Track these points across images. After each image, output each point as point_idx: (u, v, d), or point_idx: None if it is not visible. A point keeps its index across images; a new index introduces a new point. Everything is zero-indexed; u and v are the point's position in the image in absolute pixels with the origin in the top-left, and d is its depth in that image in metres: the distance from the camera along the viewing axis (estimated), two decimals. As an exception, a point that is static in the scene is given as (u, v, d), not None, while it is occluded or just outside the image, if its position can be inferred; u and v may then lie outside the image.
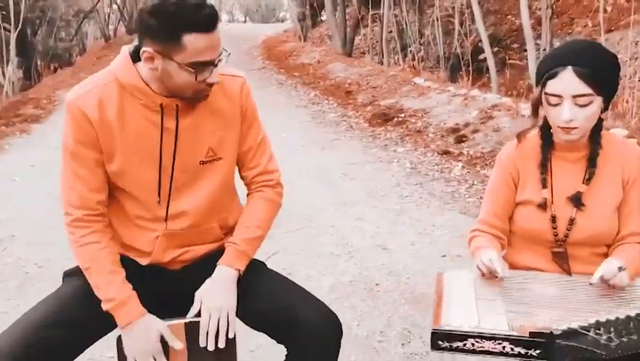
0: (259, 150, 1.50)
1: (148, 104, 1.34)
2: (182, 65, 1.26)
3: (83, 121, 1.33)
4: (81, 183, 1.37)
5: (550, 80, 1.37)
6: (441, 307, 1.34)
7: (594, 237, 1.48)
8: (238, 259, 1.42)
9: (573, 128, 1.39)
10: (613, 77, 1.41)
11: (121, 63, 1.35)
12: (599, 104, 1.39)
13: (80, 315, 1.34)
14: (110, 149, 1.36)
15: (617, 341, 1.16)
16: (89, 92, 1.33)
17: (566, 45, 1.50)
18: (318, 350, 1.37)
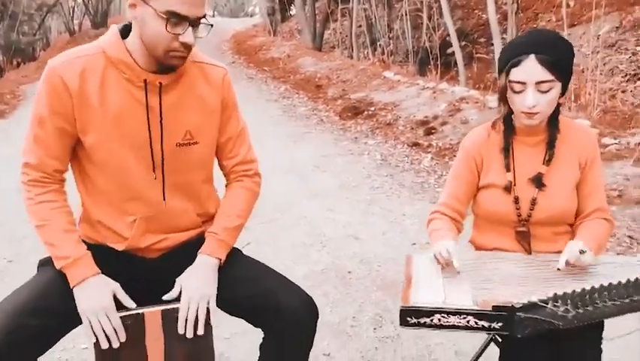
0: (238, 140, 1.52)
1: (132, 79, 1.35)
2: (157, 12, 1.27)
3: (62, 90, 1.33)
4: (42, 148, 1.38)
5: (514, 68, 1.44)
6: (409, 287, 1.40)
7: (555, 216, 1.55)
8: (219, 248, 1.44)
9: (535, 114, 1.46)
10: (570, 64, 1.48)
11: (110, 37, 1.37)
12: (558, 89, 1.46)
13: (58, 303, 1.34)
14: (86, 121, 1.35)
15: (573, 312, 1.23)
16: (73, 61, 1.34)
17: (528, 34, 1.57)
18: (295, 333, 1.40)
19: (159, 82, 1.36)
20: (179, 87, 1.40)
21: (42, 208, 1.38)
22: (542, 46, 1.42)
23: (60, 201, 1.40)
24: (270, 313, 1.40)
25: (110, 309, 1.33)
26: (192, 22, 1.29)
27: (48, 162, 1.39)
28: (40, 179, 1.39)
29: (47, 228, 1.37)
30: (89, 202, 1.45)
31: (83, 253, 1.37)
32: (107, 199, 1.43)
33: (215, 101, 1.46)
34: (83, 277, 1.34)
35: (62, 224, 1.38)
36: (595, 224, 1.54)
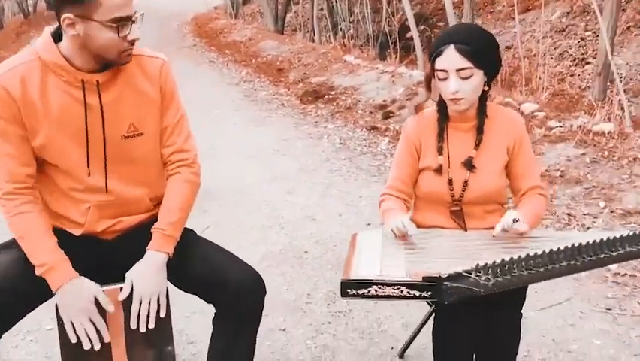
0: (176, 129, 1.59)
1: (70, 81, 1.42)
2: (104, 23, 1.34)
3: (7, 99, 1.39)
4: (9, 159, 1.44)
5: (438, 57, 1.58)
6: (351, 262, 1.53)
7: (484, 196, 1.70)
8: (166, 243, 1.51)
9: (460, 99, 1.60)
10: (490, 53, 1.61)
11: (43, 42, 1.43)
12: (480, 77, 1.60)
13: (19, 282, 1.42)
14: (33, 125, 1.43)
15: (493, 280, 1.37)
16: (12, 71, 1.40)
17: (450, 28, 1.72)
18: (243, 307, 1.52)
19: (96, 80, 1.44)
20: (118, 83, 1.48)
21: (19, 221, 1.45)
22: (460, 37, 1.57)
23: (35, 211, 1.47)
24: (218, 289, 1.51)
25: (92, 313, 1.41)
26: (133, 19, 1.38)
27: (19, 171, 1.46)
28: (13, 191, 1.46)
29: (26, 240, 1.45)
30: (46, 195, 1.54)
31: (60, 259, 1.44)
32: (62, 192, 1.52)
33: (154, 92, 1.53)
34: (62, 282, 1.41)
35: (39, 233, 1.46)
36: (531, 199, 1.70)
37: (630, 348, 2.13)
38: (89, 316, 1.41)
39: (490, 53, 1.61)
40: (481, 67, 1.59)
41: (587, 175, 3.56)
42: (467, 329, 1.56)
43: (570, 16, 7.29)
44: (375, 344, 2.18)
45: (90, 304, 1.41)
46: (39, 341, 2.20)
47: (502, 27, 8.48)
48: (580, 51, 6.60)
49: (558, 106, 5.17)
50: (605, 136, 3.88)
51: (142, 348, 1.54)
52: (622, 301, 2.43)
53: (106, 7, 1.33)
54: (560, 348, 2.13)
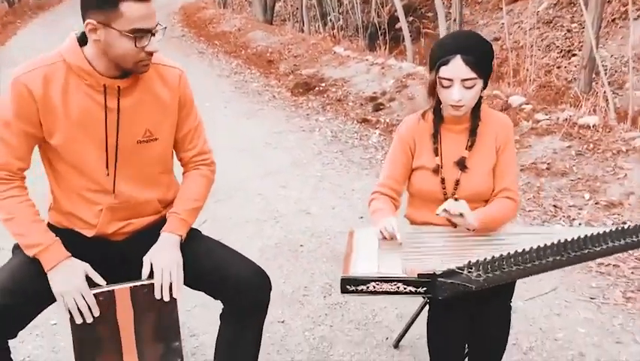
0: (196, 133, 1.69)
1: (92, 84, 1.48)
2: (123, 32, 1.40)
3: (27, 97, 1.45)
4: (7, 149, 1.51)
5: (443, 66, 1.64)
6: (350, 259, 1.61)
7: (474, 194, 1.78)
8: (180, 226, 1.61)
9: (461, 106, 1.68)
10: (490, 63, 1.69)
11: (69, 45, 1.49)
12: (480, 85, 1.68)
13: (29, 283, 1.49)
14: (51, 124, 1.49)
15: (484, 276, 1.46)
16: (36, 70, 1.46)
17: (454, 36, 1.77)
18: (250, 302, 1.60)
19: (117, 86, 1.50)
20: (138, 89, 1.54)
21: (9, 203, 1.52)
22: (467, 48, 1.63)
23: (24, 196, 1.54)
24: (226, 285, 1.59)
25: (83, 288, 1.48)
26: (152, 32, 1.43)
27: (13, 162, 1.52)
28: (5, 177, 1.52)
29: (16, 220, 1.51)
30: (59, 195, 1.60)
31: (54, 240, 1.51)
32: (76, 192, 1.58)
33: (172, 100, 1.61)
34: (56, 261, 1.49)
35: (30, 216, 1.53)
36: (497, 201, 1.77)
37: (613, 335, 2.24)
38: (81, 292, 1.47)
39: (489, 63, 1.68)
40: (482, 76, 1.66)
41: (572, 167, 3.66)
42: (460, 321, 1.65)
43: (557, 8, 7.38)
44: (371, 335, 2.27)
45: (82, 282, 1.48)
46: (45, 336, 2.27)
47: (489, 18, 8.56)
48: (566, 43, 6.71)
49: (545, 98, 5.27)
50: (590, 129, 3.99)
51: (150, 344, 1.62)
52: (605, 291, 2.54)
53: (127, 18, 1.39)
54: (546, 336, 2.24)
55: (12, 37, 10.10)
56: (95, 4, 1.39)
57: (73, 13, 9.23)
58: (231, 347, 1.65)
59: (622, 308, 2.42)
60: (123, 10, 1.38)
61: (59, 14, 13.45)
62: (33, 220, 1.52)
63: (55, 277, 1.49)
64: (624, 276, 2.65)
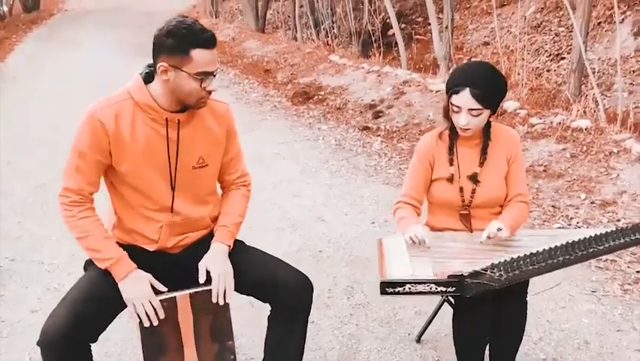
0: (238, 158, 1.92)
1: (156, 118, 1.70)
2: (191, 75, 1.62)
3: (100, 130, 1.67)
4: (82, 176, 1.72)
5: (454, 95, 1.87)
6: (384, 264, 1.82)
7: (489, 201, 2.01)
8: (229, 237, 1.83)
9: (468, 130, 1.91)
10: (499, 95, 1.91)
11: (135, 84, 1.70)
12: (487, 113, 1.91)
13: (108, 291, 1.69)
14: (120, 153, 1.70)
15: (505, 275, 1.68)
16: (110, 107, 1.68)
17: (466, 67, 1.99)
18: (296, 304, 1.82)
19: (178, 119, 1.72)
20: (193, 122, 1.76)
21: (83, 223, 1.73)
22: (475, 81, 1.85)
23: (95, 216, 1.76)
24: (272, 289, 1.81)
25: (150, 295, 1.69)
26: (214, 74, 1.65)
27: (86, 187, 1.73)
28: (78, 200, 1.74)
29: (90, 238, 1.72)
30: (123, 215, 1.80)
31: (123, 254, 1.73)
32: (139, 212, 1.78)
33: (220, 131, 1.83)
34: (126, 272, 1.70)
35: (101, 233, 1.74)
36: (514, 206, 2.00)
37: (614, 324, 2.47)
38: (148, 298, 1.68)
39: (498, 95, 1.90)
40: (489, 107, 1.88)
41: (568, 169, 3.90)
42: (482, 317, 1.87)
43: (544, 12, 7.65)
44: (394, 331, 2.48)
45: (148, 289, 1.69)
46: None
47: (479, 22, 8.82)
48: (555, 47, 6.97)
49: (537, 101, 5.51)
50: (583, 132, 4.23)
51: (207, 343, 1.83)
52: (604, 284, 2.77)
53: (195, 63, 1.60)
54: (554, 327, 2.46)
55: (10, 53, 10.20)
56: (168, 50, 1.61)
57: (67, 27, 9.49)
58: (281, 345, 1.85)
59: (620, 300, 2.65)
60: (193, 56, 1.60)
61: (53, 28, 13.57)
62: (105, 237, 1.73)
63: (125, 286, 1.69)
64: (621, 270, 2.88)
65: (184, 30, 1.60)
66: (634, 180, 3.57)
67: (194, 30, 1.60)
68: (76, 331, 1.61)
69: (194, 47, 1.59)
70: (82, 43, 10.95)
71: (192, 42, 1.59)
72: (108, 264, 1.70)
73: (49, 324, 1.61)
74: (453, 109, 1.90)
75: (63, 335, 1.59)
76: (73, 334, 1.61)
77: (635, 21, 6.37)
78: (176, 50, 1.60)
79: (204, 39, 1.61)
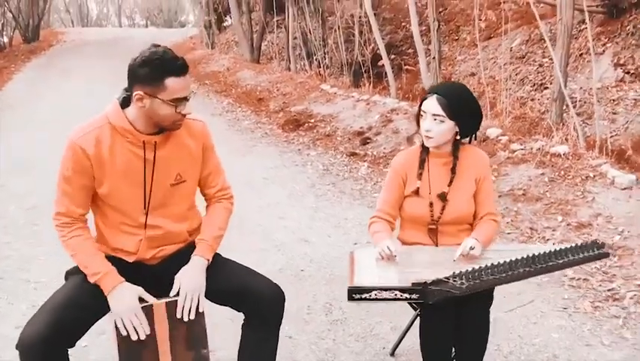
0: (217, 173, 2.01)
1: (133, 141, 1.80)
2: (166, 101, 1.73)
3: (82, 155, 1.77)
4: (69, 199, 1.82)
5: (424, 101, 2.01)
6: (353, 273, 1.91)
7: (457, 218, 2.11)
8: (208, 251, 1.91)
9: (430, 137, 2.02)
10: (463, 110, 2.03)
11: (113, 110, 1.81)
12: (451, 126, 2.02)
13: (87, 299, 1.77)
14: (101, 176, 1.80)
15: (467, 283, 1.77)
16: (89, 134, 1.78)
17: (442, 83, 2.16)
18: (268, 312, 1.90)
19: (154, 141, 1.82)
20: (170, 142, 1.87)
21: (73, 242, 1.83)
22: (445, 91, 2.02)
23: (85, 235, 1.86)
24: (246, 298, 1.89)
25: (137, 310, 1.76)
26: (188, 98, 1.77)
27: (74, 210, 1.84)
28: (69, 222, 1.84)
29: (79, 255, 1.82)
30: (105, 231, 1.91)
31: (111, 269, 1.81)
32: (119, 228, 1.89)
33: (197, 148, 1.93)
34: (113, 285, 1.78)
35: (90, 250, 1.84)
36: (485, 224, 2.11)
37: (582, 339, 2.54)
38: (134, 312, 1.75)
39: (462, 110, 2.02)
40: (453, 118, 2.00)
41: (546, 193, 4.01)
42: (446, 325, 1.94)
43: (529, 44, 7.87)
44: (370, 345, 2.54)
45: (135, 303, 1.76)
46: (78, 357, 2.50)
47: (466, 54, 9.05)
48: (539, 77, 7.16)
49: (520, 129, 5.65)
50: (561, 157, 4.36)
51: (183, 351, 1.89)
52: (576, 302, 2.85)
53: (169, 90, 1.72)
54: (524, 342, 2.53)
55: (8, 82, 10.38)
56: (143, 79, 1.72)
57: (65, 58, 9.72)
58: (253, 353, 1.92)
59: (590, 316, 2.72)
60: (167, 84, 1.72)
61: (51, 58, 13.82)
62: (93, 253, 1.82)
63: (112, 299, 1.77)
64: (593, 288, 2.96)
65: (157, 60, 1.71)
66: (609, 203, 3.68)
67: (167, 59, 1.71)
68: (54, 336, 1.68)
69: (168, 75, 1.71)
70: (79, 73, 11.15)
71: (165, 71, 1.71)
72: (96, 278, 1.78)
73: (28, 329, 1.69)
74: (421, 114, 2.04)
75: (41, 339, 1.66)
76: (51, 339, 1.68)
77: (614, 52, 6.58)
78: (150, 80, 1.71)
79: (176, 68, 1.72)
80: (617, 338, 2.53)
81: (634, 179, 3.78)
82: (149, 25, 28.50)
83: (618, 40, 6.63)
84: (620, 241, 3.32)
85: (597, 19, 7.20)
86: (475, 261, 1.95)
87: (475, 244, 1.97)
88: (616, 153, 4.79)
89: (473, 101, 2.09)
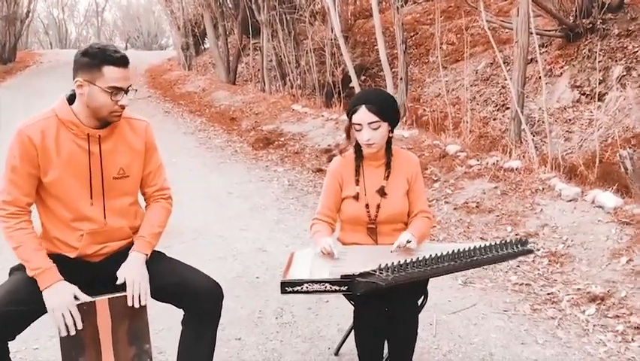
0: (157, 173, 2.09)
1: (78, 134, 1.89)
2: (102, 88, 1.83)
3: (28, 144, 1.85)
4: (16, 188, 1.89)
5: (354, 114, 2.13)
6: (289, 269, 2.01)
7: (393, 216, 2.23)
8: (146, 246, 1.99)
9: (372, 144, 2.15)
10: (390, 109, 2.17)
11: (60, 104, 1.91)
12: (386, 127, 2.15)
13: (28, 295, 1.83)
14: (47, 165, 1.88)
15: (392, 275, 1.87)
16: (35, 124, 1.87)
17: (362, 92, 2.30)
18: (206, 307, 1.97)
19: (98, 135, 1.92)
20: (114, 137, 1.96)
21: (18, 234, 1.89)
22: (369, 99, 2.14)
23: (30, 229, 1.92)
24: (186, 294, 1.96)
25: (71, 304, 1.83)
26: (126, 90, 1.87)
27: (21, 199, 1.91)
28: (15, 212, 1.90)
29: (23, 248, 1.88)
30: (47, 224, 1.97)
31: (51, 266, 1.87)
32: (61, 220, 1.95)
33: (140, 145, 2.03)
34: (50, 282, 1.84)
35: (33, 245, 1.89)
36: (419, 220, 2.23)
37: (518, 338, 2.66)
38: (68, 308, 1.81)
39: (390, 109, 2.16)
40: (386, 120, 2.14)
41: (498, 205, 4.17)
42: (377, 317, 2.05)
43: (493, 67, 8.15)
44: (315, 346, 2.63)
45: (70, 298, 1.83)
46: (27, 358, 2.55)
47: (435, 76, 9.30)
48: (501, 98, 7.41)
49: (481, 147, 5.84)
50: (514, 172, 4.53)
51: (125, 346, 1.96)
52: (517, 305, 2.98)
53: (106, 78, 1.83)
54: (463, 341, 2.64)
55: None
56: (83, 67, 1.84)
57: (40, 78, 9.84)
58: (191, 347, 2.00)
59: (529, 318, 2.85)
60: (104, 71, 1.82)
61: (27, 78, 13.84)
62: (35, 249, 1.88)
63: (48, 295, 1.83)
64: (534, 293, 3.10)
65: (97, 49, 1.83)
66: (555, 214, 3.84)
67: (106, 50, 1.84)
68: None
69: (106, 64, 1.82)
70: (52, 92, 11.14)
71: (104, 60, 1.82)
72: (35, 273, 1.85)
73: None
74: (355, 128, 2.15)
75: None
76: None
77: (572, 75, 6.85)
78: (89, 67, 1.83)
79: (115, 58, 1.83)
80: (551, 338, 2.65)
81: (579, 191, 3.95)
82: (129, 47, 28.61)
83: (575, 63, 6.92)
84: (563, 249, 3.47)
85: (556, 43, 7.50)
86: (410, 254, 2.06)
87: (411, 237, 2.09)
88: (568, 168, 4.99)
89: (389, 95, 2.27)
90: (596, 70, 6.35)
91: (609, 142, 5.78)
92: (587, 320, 2.78)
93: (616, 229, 3.47)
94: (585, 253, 3.36)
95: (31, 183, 1.90)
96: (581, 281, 3.12)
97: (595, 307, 2.87)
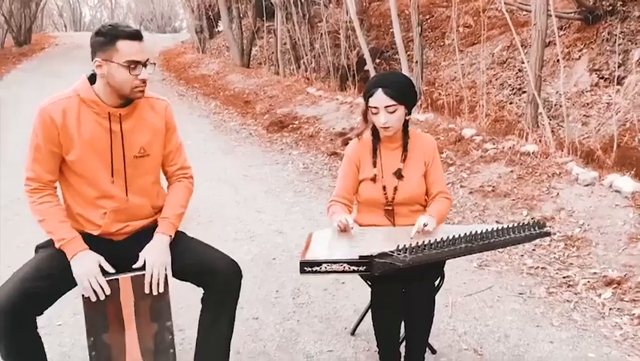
0: (177, 152, 2.13)
1: (99, 112, 1.93)
2: (120, 64, 1.86)
3: (50, 123, 1.89)
4: (40, 165, 1.94)
5: (370, 97, 2.13)
6: (307, 249, 2.03)
7: (410, 198, 2.24)
8: (170, 228, 2.03)
9: (388, 127, 2.15)
10: (407, 92, 2.17)
11: (81, 83, 1.94)
12: (402, 110, 2.16)
13: (55, 270, 1.88)
14: (69, 144, 1.92)
15: (410, 256, 1.89)
16: (56, 103, 1.91)
17: (379, 75, 2.28)
18: (225, 285, 2.01)
19: (119, 113, 1.95)
20: (134, 116, 1.99)
21: (43, 207, 1.94)
22: (386, 82, 2.14)
23: (54, 202, 1.97)
24: (204, 273, 2.00)
25: (97, 273, 1.88)
26: (144, 64, 1.89)
27: (44, 176, 1.95)
28: (39, 187, 1.95)
29: (47, 220, 1.93)
30: (71, 201, 2.01)
31: (76, 235, 1.93)
32: (85, 198, 1.99)
33: (160, 124, 2.05)
34: (76, 251, 1.90)
35: (58, 217, 1.95)
36: (439, 201, 2.24)
37: (534, 321, 2.67)
38: (95, 276, 1.87)
39: (407, 93, 2.16)
40: (402, 103, 2.14)
41: (513, 189, 4.15)
42: (395, 297, 2.07)
43: (509, 50, 8.05)
44: (332, 326, 2.67)
45: (95, 267, 1.89)
46: (52, 333, 2.61)
47: (451, 60, 9.22)
48: (517, 81, 7.34)
49: (497, 131, 5.81)
50: (530, 156, 4.51)
51: (147, 323, 2.01)
52: (532, 288, 2.99)
53: (122, 53, 1.85)
54: (479, 323, 2.66)
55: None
56: (99, 46, 1.87)
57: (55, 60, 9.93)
58: (211, 326, 2.03)
59: (544, 301, 2.86)
60: (119, 47, 1.85)
61: (42, 60, 13.93)
62: (60, 220, 1.94)
63: (75, 263, 1.89)
64: (550, 276, 3.10)
65: (109, 27, 1.87)
66: (572, 198, 3.82)
67: (118, 26, 1.87)
68: (22, 305, 1.79)
69: (119, 39, 1.85)
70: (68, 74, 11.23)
71: (116, 35, 1.85)
72: (61, 243, 1.90)
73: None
74: (372, 111, 2.16)
75: (8, 309, 1.77)
76: (18, 307, 1.78)
77: (590, 58, 6.76)
78: (104, 45, 1.86)
79: (127, 32, 1.86)
80: (567, 320, 2.66)
81: (596, 176, 3.93)
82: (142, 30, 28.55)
83: (594, 47, 6.82)
84: (579, 233, 3.46)
85: (574, 26, 7.40)
86: (428, 235, 2.07)
87: (428, 220, 2.10)
88: (585, 153, 4.95)
89: (407, 78, 2.26)
90: (616, 53, 6.26)
91: (627, 126, 5.71)
92: (603, 303, 2.79)
93: (633, 213, 3.45)
94: (602, 238, 3.35)
95: (54, 161, 1.94)
96: (597, 265, 3.12)
97: (611, 291, 2.88)
